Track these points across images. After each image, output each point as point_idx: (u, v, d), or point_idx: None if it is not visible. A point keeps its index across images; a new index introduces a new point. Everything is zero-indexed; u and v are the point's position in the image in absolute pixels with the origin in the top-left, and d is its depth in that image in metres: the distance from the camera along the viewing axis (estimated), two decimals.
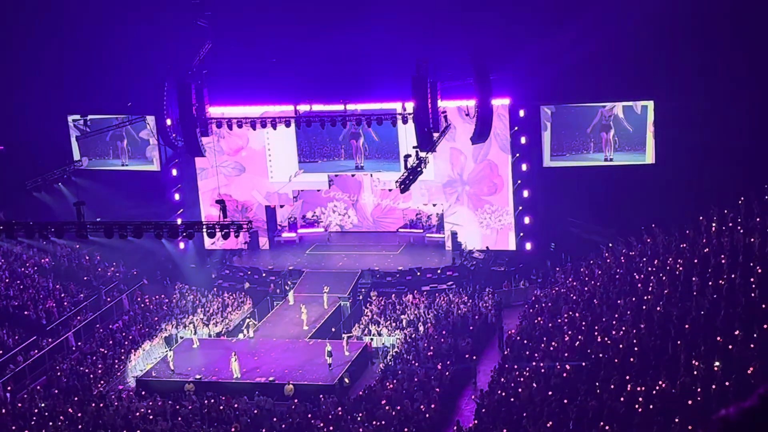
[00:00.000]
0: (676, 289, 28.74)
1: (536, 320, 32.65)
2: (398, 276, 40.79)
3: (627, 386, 24.12)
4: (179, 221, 37.51)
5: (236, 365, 33.24)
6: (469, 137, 38.53)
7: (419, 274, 40.57)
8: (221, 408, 29.83)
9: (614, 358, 25.92)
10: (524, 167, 41.70)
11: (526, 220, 42.05)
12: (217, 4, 40.58)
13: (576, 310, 31.59)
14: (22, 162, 42.69)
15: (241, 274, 42.81)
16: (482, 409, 26.78)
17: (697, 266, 29.56)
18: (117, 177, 45.08)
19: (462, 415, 28.95)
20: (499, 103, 39.91)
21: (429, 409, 28.37)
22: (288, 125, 40.55)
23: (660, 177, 38.56)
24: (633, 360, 25.47)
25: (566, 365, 26.84)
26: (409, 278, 40.52)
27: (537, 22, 38.39)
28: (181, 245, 43.66)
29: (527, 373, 27.60)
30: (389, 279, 40.70)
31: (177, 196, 44.98)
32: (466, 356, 32.68)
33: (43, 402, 31.61)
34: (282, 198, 45.83)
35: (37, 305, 38.12)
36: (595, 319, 29.87)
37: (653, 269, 31.61)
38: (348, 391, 31.81)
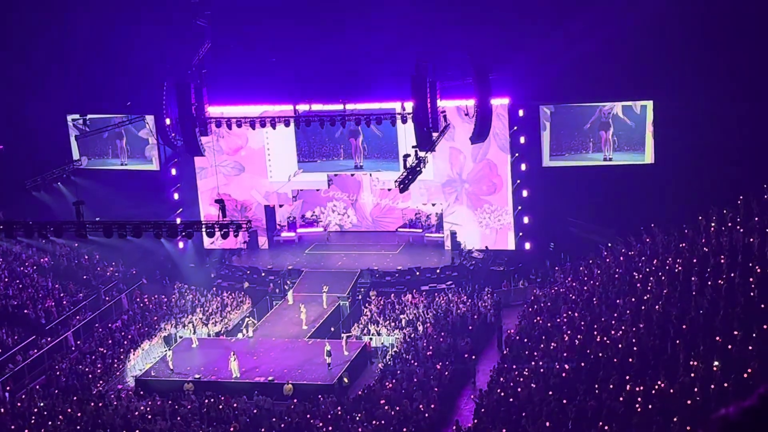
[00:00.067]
0: (675, 289, 28.76)
1: (535, 320, 32.65)
2: (397, 275, 40.78)
3: (626, 386, 24.14)
4: (178, 221, 37.57)
5: (235, 365, 33.23)
6: (469, 137, 38.53)
7: (418, 274, 40.57)
8: (220, 407, 29.82)
9: (613, 358, 25.93)
10: (523, 167, 41.72)
11: (526, 220, 42.06)
12: (217, 4, 40.55)
13: (575, 310, 31.59)
14: (22, 161, 42.72)
15: (240, 274, 42.80)
16: (481, 409, 26.79)
17: (696, 266, 29.58)
18: (116, 176, 45.06)
19: (461, 415, 28.94)
20: (499, 103, 39.91)
21: (428, 409, 28.36)
22: (287, 125, 40.53)
23: (659, 177, 38.57)
24: (632, 360, 25.47)
25: (565, 365, 26.84)
26: (409, 278, 40.51)
27: (537, 22, 38.41)
28: (181, 245, 43.65)
29: (526, 373, 27.59)
30: (388, 278, 40.70)
31: (176, 196, 44.96)
32: (465, 356, 32.67)
33: (42, 401, 31.58)
34: (281, 197, 45.82)
35: (36, 305, 38.11)
36: (594, 319, 29.87)
37: (652, 269, 31.61)
38: (347, 391, 31.80)
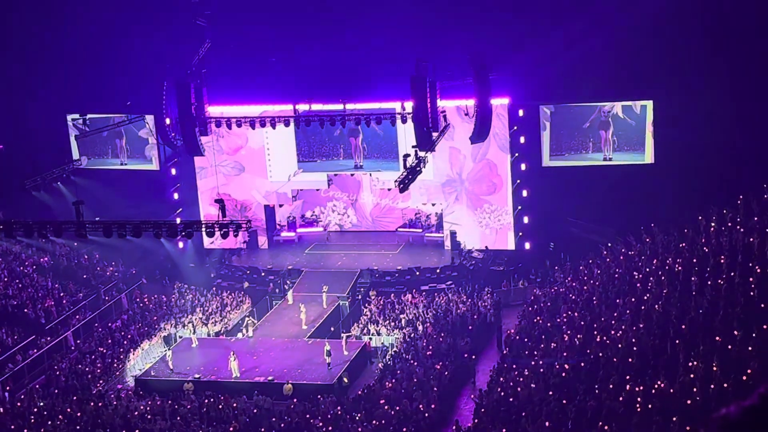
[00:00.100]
0: (675, 289, 28.76)
1: (535, 320, 32.66)
2: (397, 275, 40.78)
3: (626, 386, 24.13)
4: (178, 220, 37.55)
5: (235, 364, 33.22)
6: (468, 137, 38.53)
7: (418, 274, 40.56)
8: (220, 407, 29.82)
9: (613, 358, 25.93)
10: (523, 167, 41.72)
11: (525, 220, 42.05)
12: (217, 4, 40.55)
13: (575, 310, 31.59)
14: (22, 161, 42.70)
15: (240, 274, 42.80)
16: (481, 409, 26.78)
17: (696, 266, 29.57)
18: (116, 176, 45.07)
19: (461, 415, 28.94)
20: (498, 103, 39.90)
21: (428, 409, 28.36)
22: (287, 125, 40.51)
23: (659, 177, 38.56)
24: (632, 360, 25.47)
25: (565, 365, 26.83)
26: (408, 278, 40.50)
27: (536, 22, 38.41)
28: (180, 244, 43.64)
29: (526, 373, 27.59)
30: (388, 278, 40.70)
31: (176, 196, 44.96)
32: (465, 356, 32.67)
33: (42, 401, 31.60)
34: (281, 197, 45.82)
35: (36, 304, 38.11)
36: (594, 319, 29.86)
37: (652, 269, 31.61)
38: (347, 391, 31.79)
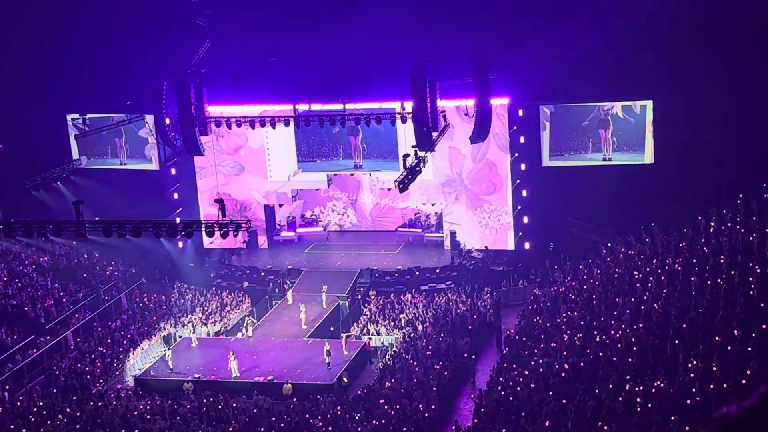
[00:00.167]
0: (675, 289, 28.76)
1: (535, 320, 32.65)
2: (397, 275, 40.78)
3: (625, 386, 24.14)
4: (178, 220, 37.52)
5: (235, 364, 33.22)
6: (468, 137, 38.53)
7: (418, 274, 40.56)
8: (220, 407, 29.82)
9: (613, 358, 25.93)
10: (523, 167, 41.72)
11: (525, 220, 42.06)
12: (217, 3, 40.53)
13: (575, 310, 31.59)
14: (21, 161, 42.67)
15: (240, 273, 42.80)
16: (481, 409, 26.78)
17: (696, 266, 29.57)
18: (116, 176, 45.07)
19: (460, 415, 28.93)
20: (498, 103, 39.91)
21: (427, 409, 28.36)
22: (287, 124, 40.50)
23: (659, 176, 38.56)
24: (631, 359, 25.47)
25: (565, 365, 26.83)
26: (408, 277, 40.50)
27: (536, 22, 38.38)
28: (180, 244, 43.65)
29: (526, 373, 27.58)
30: (388, 278, 40.70)
31: (176, 195, 44.97)
32: (465, 356, 32.67)
33: (42, 401, 31.60)
34: (281, 197, 45.82)
35: (36, 304, 38.11)
36: (594, 319, 29.85)
37: (652, 269, 31.60)
38: (346, 391, 31.80)
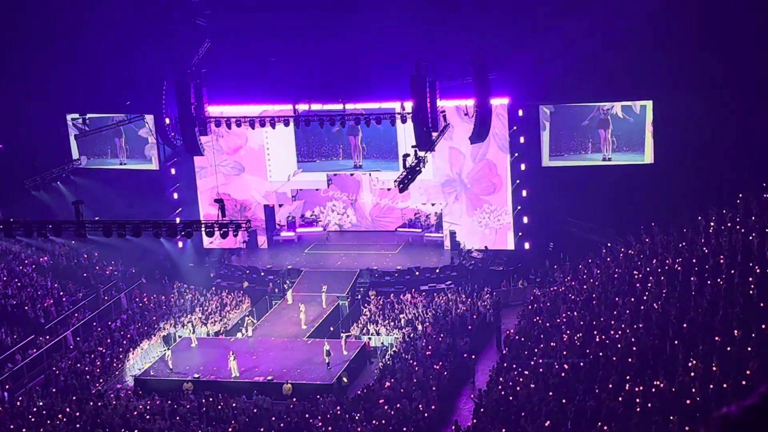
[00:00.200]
0: (675, 289, 28.76)
1: (535, 320, 32.66)
2: (397, 275, 40.77)
3: (625, 386, 24.13)
4: (178, 220, 37.53)
5: (234, 364, 33.21)
6: (468, 137, 38.53)
7: (418, 274, 40.56)
8: (219, 407, 29.82)
9: (612, 358, 25.93)
10: (523, 167, 41.72)
11: (525, 220, 42.06)
12: (216, 3, 40.54)
13: (574, 310, 31.59)
14: (21, 160, 42.64)
15: (240, 273, 42.80)
16: (480, 409, 26.77)
17: (696, 266, 29.57)
18: (115, 176, 45.07)
19: (460, 415, 28.93)
20: (498, 103, 39.91)
21: (427, 409, 28.36)
22: (287, 124, 40.49)
23: (658, 177, 38.57)
24: (631, 359, 25.47)
25: (564, 365, 26.83)
26: (408, 277, 40.50)
27: (536, 22, 38.39)
28: (180, 244, 43.66)
29: (526, 373, 27.58)
30: (388, 278, 40.69)
31: (175, 195, 44.98)
32: (465, 356, 32.67)
33: (42, 401, 31.61)
34: (281, 197, 45.81)
35: (36, 304, 38.10)
36: (594, 319, 29.85)
37: (652, 269, 31.61)
38: (346, 391, 31.80)
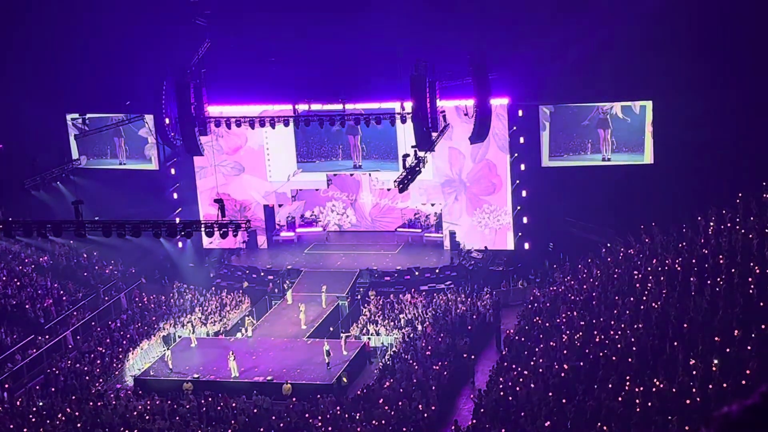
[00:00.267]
0: (675, 289, 28.76)
1: (534, 320, 32.67)
2: (396, 275, 40.77)
3: (625, 386, 24.14)
4: (177, 220, 37.53)
5: (234, 364, 33.22)
6: (468, 137, 38.52)
7: (417, 274, 40.56)
8: (219, 407, 29.82)
9: (612, 358, 25.93)
10: (522, 167, 41.73)
11: (525, 220, 42.07)
12: (216, 3, 40.53)
13: (574, 310, 31.60)
14: (21, 160, 42.65)
15: (240, 273, 42.79)
16: (480, 409, 26.79)
17: (696, 266, 29.58)
18: (115, 176, 45.07)
19: (460, 415, 28.93)
20: (498, 103, 39.91)
21: (427, 409, 28.37)
22: (287, 124, 40.50)
23: (658, 177, 38.59)
24: (631, 359, 25.47)
25: (564, 365, 26.84)
26: (408, 278, 40.50)
27: (536, 22, 38.37)
28: (180, 244, 43.66)
29: (525, 373, 27.60)
30: (387, 278, 40.69)
31: (175, 195, 44.99)
32: (464, 356, 32.67)
33: (41, 401, 31.62)
34: (280, 197, 45.82)
35: (35, 304, 38.10)
36: (593, 319, 29.86)
37: (652, 269, 31.62)
38: (346, 391, 31.81)
